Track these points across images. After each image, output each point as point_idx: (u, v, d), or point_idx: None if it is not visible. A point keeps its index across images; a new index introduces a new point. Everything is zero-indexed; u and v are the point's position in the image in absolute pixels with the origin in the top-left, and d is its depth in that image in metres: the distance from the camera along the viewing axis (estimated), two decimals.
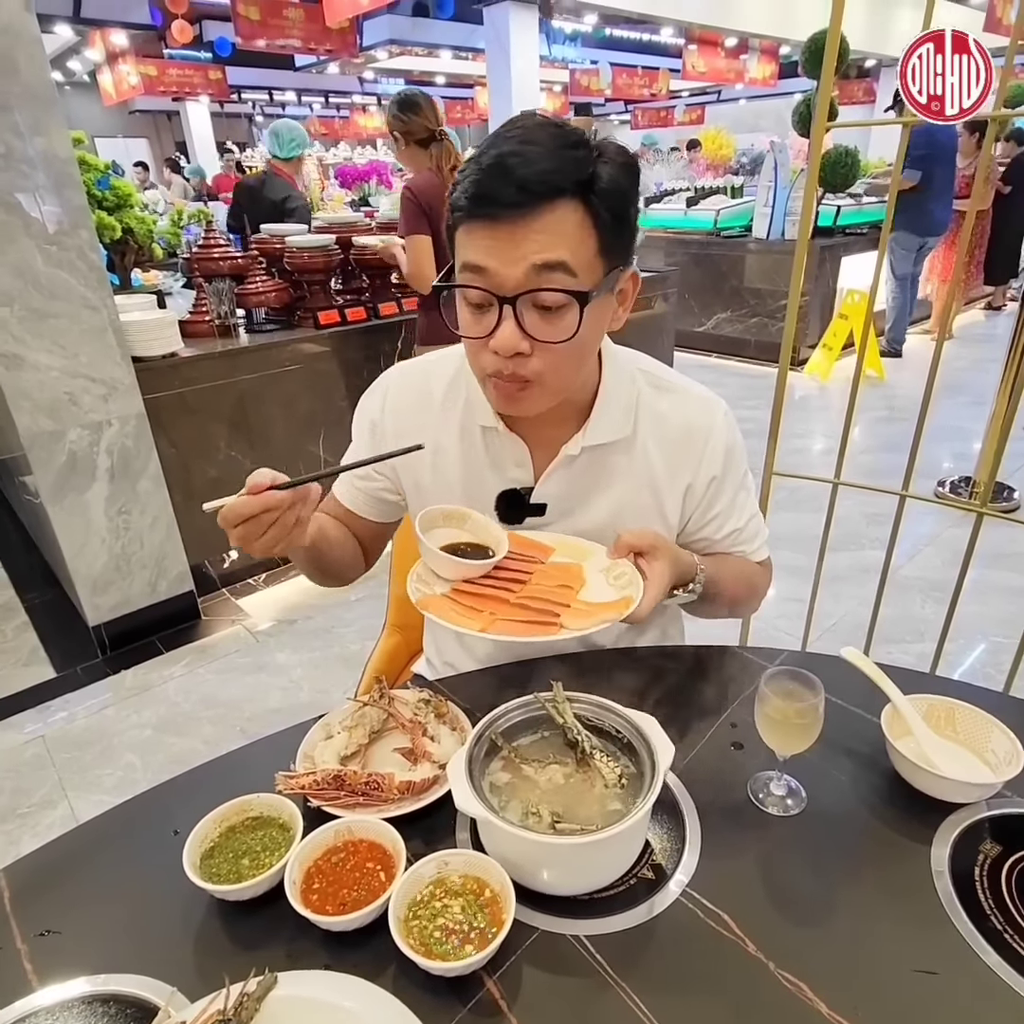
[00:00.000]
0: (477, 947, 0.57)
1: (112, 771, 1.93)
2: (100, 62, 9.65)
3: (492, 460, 0.93)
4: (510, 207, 0.69)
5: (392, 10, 8.14)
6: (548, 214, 0.70)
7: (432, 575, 0.83)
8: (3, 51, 1.78)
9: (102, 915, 0.66)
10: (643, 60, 11.79)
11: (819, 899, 0.65)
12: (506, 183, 0.68)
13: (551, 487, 0.92)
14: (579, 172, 0.70)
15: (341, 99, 14.44)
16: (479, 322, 0.76)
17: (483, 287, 0.73)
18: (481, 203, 0.70)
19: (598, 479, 0.92)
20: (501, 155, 0.70)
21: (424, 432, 0.93)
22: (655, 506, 0.93)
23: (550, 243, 0.70)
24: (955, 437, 3.88)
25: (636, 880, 0.66)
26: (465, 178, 0.72)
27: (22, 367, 2.00)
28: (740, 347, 5.70)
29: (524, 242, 0.70)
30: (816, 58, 4.48)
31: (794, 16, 8.86)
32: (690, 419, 0.92)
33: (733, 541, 0.98)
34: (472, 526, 0.88)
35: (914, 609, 2.51)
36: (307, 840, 0.66)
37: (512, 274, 0.71)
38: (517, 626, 0.76)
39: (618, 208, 0.73)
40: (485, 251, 0.72)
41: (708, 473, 0.92)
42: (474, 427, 0.92)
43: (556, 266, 0.71)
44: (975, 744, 0.76)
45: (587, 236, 0.72)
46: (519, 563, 0.84)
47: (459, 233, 0.75)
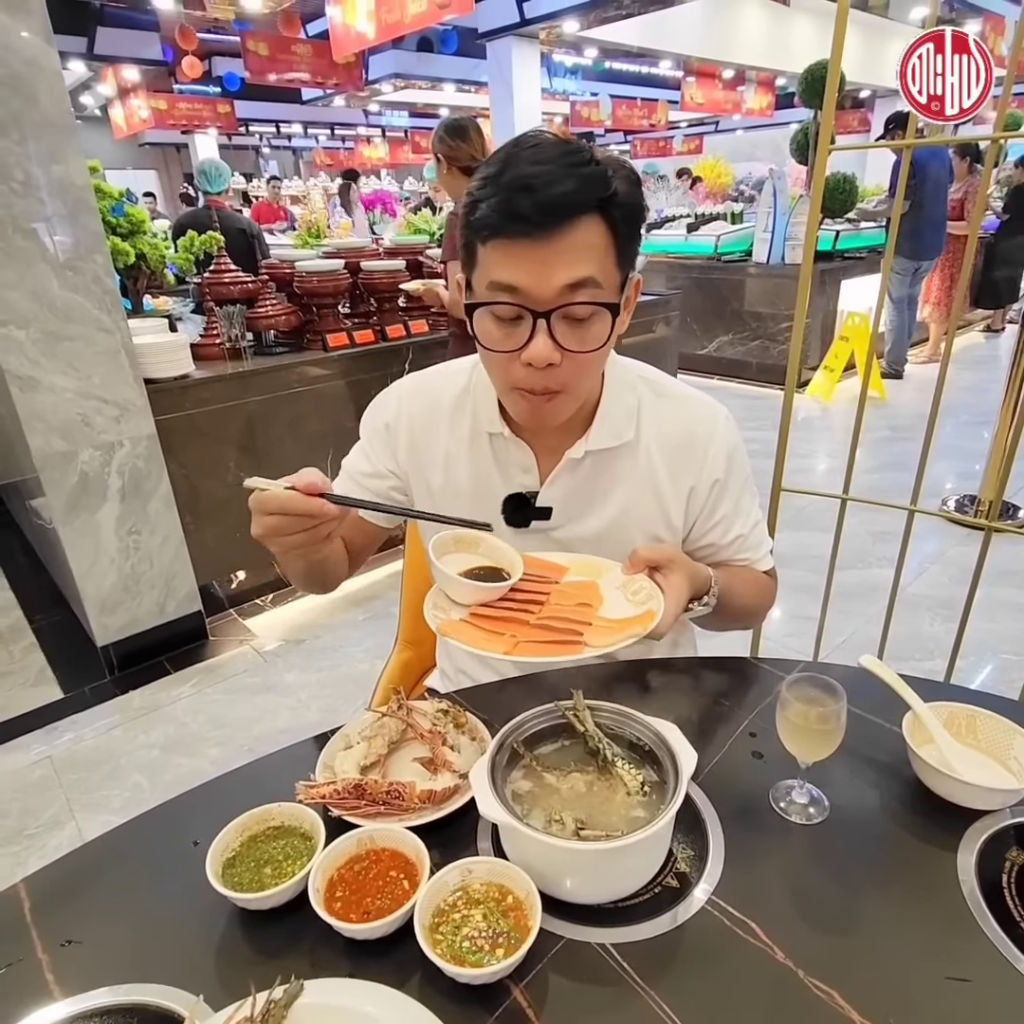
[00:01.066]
0: (504, 954, 0.57)
1: (120, 792, 1.92)
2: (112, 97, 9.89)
3: (499, 465, 0.95)
4: (540, 227, 0.71)
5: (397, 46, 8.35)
6: (575, 231, 0.72)
7: (447, 600, 0.82)
8: (25, 83, 1.84)
9: (124, 925, 0.65)
10: (642, 92, 12.07)
11: (846, 907, 0.64)
12: (534, 203, 0.70)
13: (556, 491, 0.94)
14: (600, 189, 0.73)
15: (346, 131, 14.75)
16: (510, 336, 0.78)
17: (518, 303, 0.75)
18: (510, 221, 0.72)
19: (602, 483, 0.94)
20: (523, 175, 0.71)
21: (436, 438, 0.96)
22: (659, 509, 0.95)
23: (578, 260, 0.73)
24: (957, 456, 3.89)
25: (661, 888, 0.66)
26: (487, 197, 0.73)
27: (37, 389, 2.03)
28: (742, 369, 5.74)
29: (555, 261, 0.73)
30: (812, 88, 4.60)
31: (789, 49, 9.08)
32: (692, 423, 0.94)
33: (739, 547, 0.99)
34: (485, 549, 0.87)
35: (923, 627, 2.50)
36: (329, 849, 0.65)
37: (546, 291, 0.74)
38: (541, 647, 0.74)
39: (633, 219, 0.77)
40: (517, 270, 0.74)
41: (711, 476, 0.94)
42: (482, 434, 0.94)
43: (586, 282, 0.74)
44: (997, 751, 0.76)
45: (609, 249, 0.75)
46: (535, 583, 0.84)
47: (485, 250, 0.76)
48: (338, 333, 2.82)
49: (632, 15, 7.00)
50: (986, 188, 1.54)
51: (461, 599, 0.81)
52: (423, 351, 3.00)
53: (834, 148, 1.45)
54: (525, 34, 7.26)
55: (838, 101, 1.42)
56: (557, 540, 0.96)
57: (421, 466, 0.97)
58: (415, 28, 5.66)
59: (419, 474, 0.98)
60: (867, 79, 9.82)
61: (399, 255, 3.14)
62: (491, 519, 0.95)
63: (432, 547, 0.83)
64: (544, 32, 7.30)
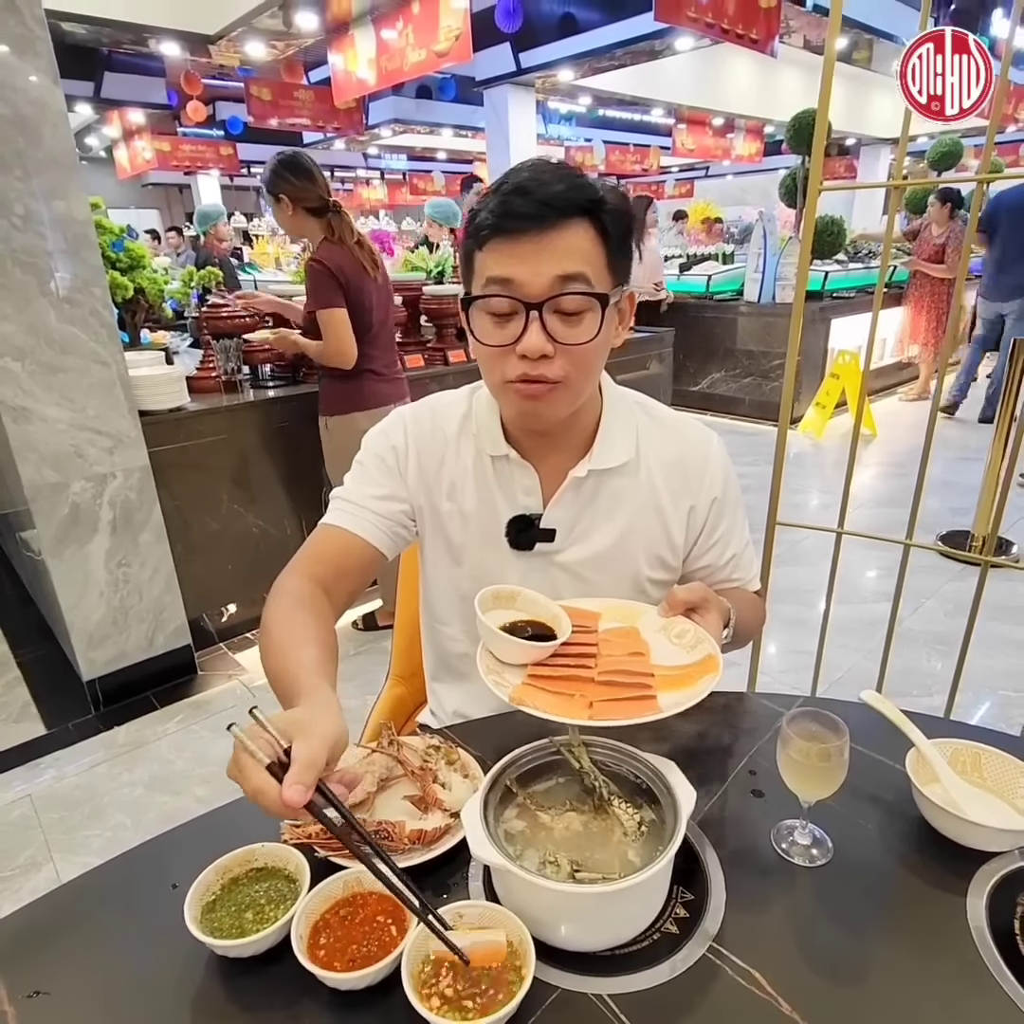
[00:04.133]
0: (497, 1005, 0.54)
1: (101, 832, 1.86)
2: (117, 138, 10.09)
3: (503, 488, 0.95)
4: (534, 221, 0.76)
5: (397, 92, 8.59)
6: (566, 230, 0.77)
7: (496, 662, 0.76)
8: (31, 122, 1.87)
9: (96, 975, 0.62)
10: (635, 138, 12.42)
11: (854, 955, 0.62)
12: (529, 202, 0.76)
13: (559, 512, 0.94)
14: (590, 195, 0.78)
15: (346, 172, 15.07)
16: (504, 330, 0.81)
17: (511, 295, 0.78)
18: (507, 219, 0.77)
19: (605, 504, 0.94)
20: (520, 182, 0.78)
21: (441, 465, 0.96)
22: (661, 529, 0.96)
23: (569, 255, 0.78)
24: (948, 491, 3.91)
25: (660, 935, 0.63)
26: (487, 205, 0.79)
27: (30, 420, 2.02)
28: (734, 405, 5.80)
29: (547, 254, 0.77)
30: (800, 135, 4.73)
31: (776, 98, 9.38)
32: (687, 445, 0.97)
33: (733, 567, 1.01)
34: (523, 603, 0.83)
35: (920, 662, 2.48)
36: (314, 892, 0.63)
37: (538, 283, 0.78)
38: (617, 706, 0.68)
39: (622, 228, 0.82)
40: (511, 264, 0.78)
41: (710, 495, 0.96)
42: (485, 458, 0.95)
43: (577, 277, 0.78)
44: (1004, 790, 0.74)
45: (599, 251, 0.80)
46: (577, 634, 0.79)
47: (481, 253, 0.81)
48: None
49: (624, 66, 7.23)
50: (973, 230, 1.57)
51: (510, 659, 0.76)
52: (418, 385, 3.01)
53: (824, 188, 1.48)
54: (521, 82, 7.48)
55: (825, 148, 1.45)
56: (561, 562, 0.95)
57: (429, 491, 0.97)
58: (414, 76, 5.83)
59: (427, 499, 0.98)
60: (852, 128, 10.16)
61: (397, 292, 3.18)
62: (494, 541, 0.95)
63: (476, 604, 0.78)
64: (540, 80, 7.52)
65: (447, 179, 13.26)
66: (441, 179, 13.21)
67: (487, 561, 0.96)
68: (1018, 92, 7.69)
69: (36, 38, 1.84)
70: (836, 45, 1.37)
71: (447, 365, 3.16)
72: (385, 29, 5.59)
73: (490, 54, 6.92)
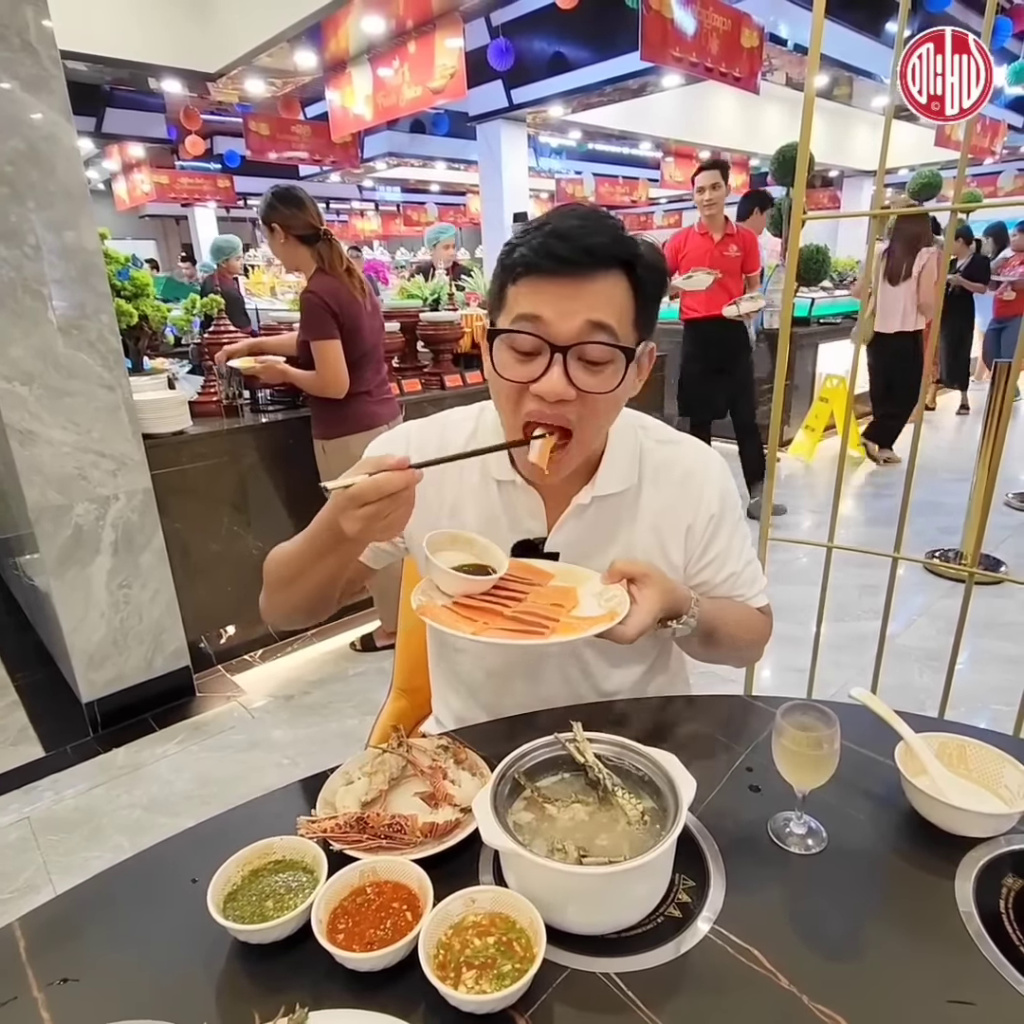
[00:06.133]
0: (508, 982, 0.57)
1: (100, 853, 1.85)
2: (116, 171, 10.27)
3: (507, 512, 0.97)
4: (572, 265, 0.78)
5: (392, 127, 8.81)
6: (602, 280, 0.79)
7: (436, 590, 0.88)
8: (44, 156, 1.94)
9: (121, 962, 0.64)
10: (624, 171, 12.71)
11: (848, 934, 0.64)
12: (570, 247, 0.77)
13: (563, 536, 0.96)
14: (631, 249, 0.81)
15: (341, 204, 15.34)
16: (525, 367, 0.82)
17: (539, 335, 0.80)
18: (546, 259, 0.78)
19: (607, 528, 0.97)
20: (564, 226, 0.79)
21: (444, 483, 0.98)
22: (659, 547, 0.98)
23: (601, 305, 0.79)
24: (938, 512, 3.98)
25: (663, 919, 0.66)
26: (527, 241, 0.80)
27: (36, 443, 2.06)
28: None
29: (581, 299, 0.79)
30: (784, 167, 4.88)
31: (760, 133, 9.66)
32: (688, 464, 0.99)
33: (732, 585, 1.01)
34: (478, 550, 0.92)
35: (913, 678, 2.51)
36: (332, 880, 0.65)
37: (567, 326, 0.79)
38: (506, 632, 0.80)
39: (655, 286, 0.84)
40: (544, 302, 0.79)
41: (707, 512, 0.98)
42: (490, 480, 0.97)
43: (605, 327, 0.80)
44: (988, 780, 0.77)
45: (629, 306, 0.82)
46: (518, 584, 0.89)
47: (514, 288, 0.82)
48: None
49: (613, 102, 7.46)
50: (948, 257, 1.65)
51: (448, 589, 0.87)
52: (416, 409, 3.07)
53: (807, 217, 1.55)
54: (513, 117, 7.70)
55: (809, 180, 1.52)
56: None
57: (426, 509, 0.97)
58: (409, 112, 5.98)
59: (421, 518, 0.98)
60: (835, 160, 10.47)
61: (393, 318, 3.25)
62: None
63: (427, 542, 0.87)
64: (531, 116, 7.74)
65: (440, 210, 13.52)
66: (434, 210, 13.46)
67: None
68: (993, 126, 7.96)
69: (51, 77, 1.92)
70: (815, 82, 1.45)
71: (443, 389, 3.22)
72: (382, 67, 5.75)
73: (483, 91, 7.12)
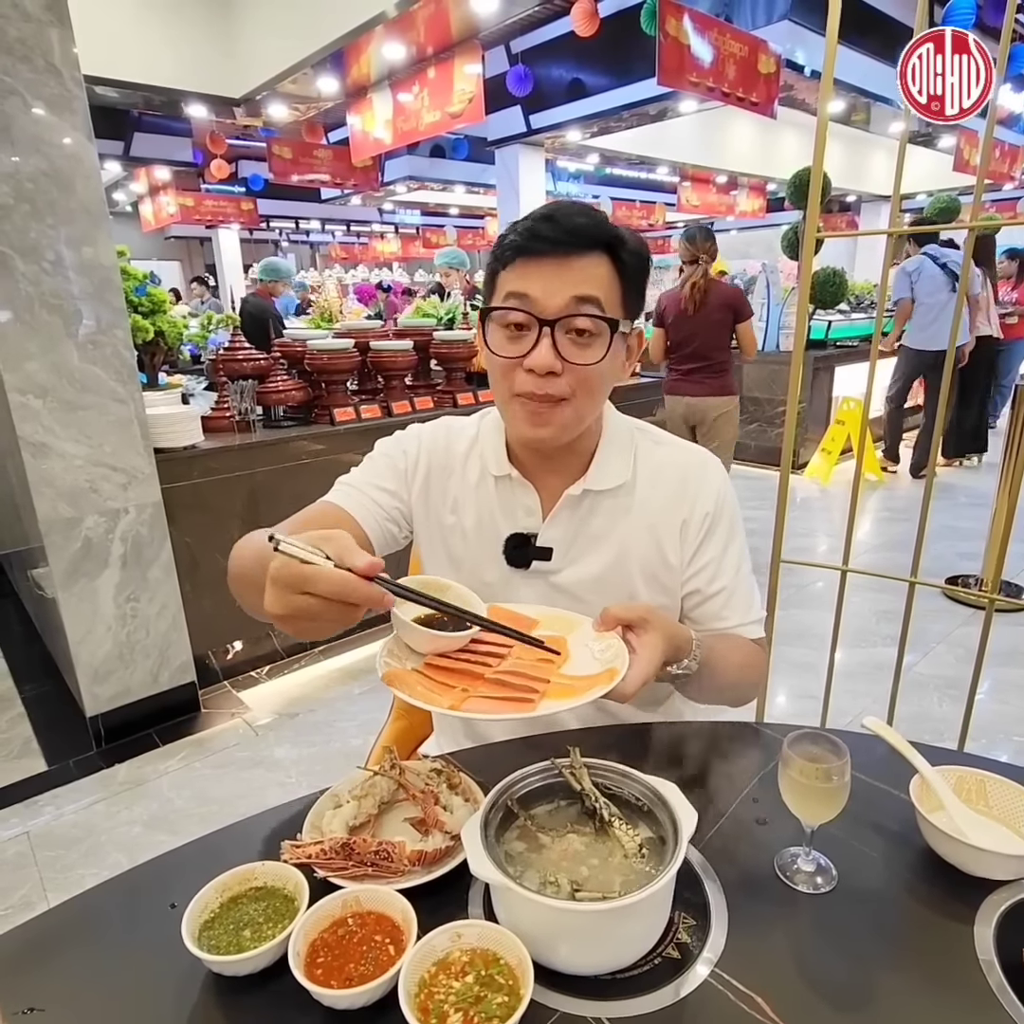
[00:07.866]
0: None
1: (97, 871, 1.83)
2: (143, 194, 10.52)
3: (503, 507, 0.97)
4: (558, 245, 0.82)
5: (412, 151, 8.96)
6: (586, 259, 0.83)
7: (406, 649, 0.77)
8: (65, 174, 1.97)
9: (91, 992, 0.61)
10: (641, 195, 12.82)
11: (858, 982, 0.60)
12: (555, 227, 0.82)
13: (556, 530, 0.95)
14: (611, 231, 0.85)
15: (361, 227, 15.57)
16: (516, 344, 0.85)
17: (526, 310, 0.83)
18: (532, 241, 0.83)
19: (601, 525, 0.96)
20: (550, 211, 0.84)
21: (448, 481, 1.00)
22: (656, 547, 0.96)
23: (587, 280, 0.83)
24: (956, 536, 3.90)
25: (661, 959, 0.62)
26: (515, 230, 0.85)
27: (48, 456, 2.07)
28: (741, 451, 5.80)
29: (566, 276, 0.82)
30: (800, 191, 4.88)
31: (777, 157, 9.70)
32: (685, 463, 0.99)
33: (724, 602, 0.96)
34: (452, 598, 0.79)
35: (932, 708, 2.44)
36: (313, 910, 0.62)
37: (553, 302, 0.82)
38: (491, 703, 0.69)
39: (637, 268, 0.87)
40: (531, 281, 0.83)
41: (703, 509, 0.96)
42: (488, 477, 0.98)
43: (591, 300, 0.83)
44: (1009, 818, 0.73)
45: (614, 284, 0.85)
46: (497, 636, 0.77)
47: (504, 272, 0.86)
48: (345, 408, 2.90)
49: (630, 127, 7.53)
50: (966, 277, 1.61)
51: (417, 647, 0.76)
52: None
53: (820, 236, 1.53)
54: (531, 142, 7.79)
55: (826, 204, 1.50)
56: (558, 583, 0.96)
57: (432, 504, 1.00)
58: (429, 136, 6.08)
59: (425, 512, 1.01)
60: (852, 185, 10.46)
61: (407, 336, 3.27)
62: (493, 559, 0.97)
63: None
64: (549, 140, 7.83)
65: (459, 233, 13.68)
66: (453, 233, 13.62)
67: (486, 578, 0.97)
68: (1012, 152, 7.94)
69: (73, 97, 1.96)
70: (829, 107, 1.44)
71: (456, 407, 3.21)
72: (402, 93, 5.85)
73: (502, 116, 7.22)
